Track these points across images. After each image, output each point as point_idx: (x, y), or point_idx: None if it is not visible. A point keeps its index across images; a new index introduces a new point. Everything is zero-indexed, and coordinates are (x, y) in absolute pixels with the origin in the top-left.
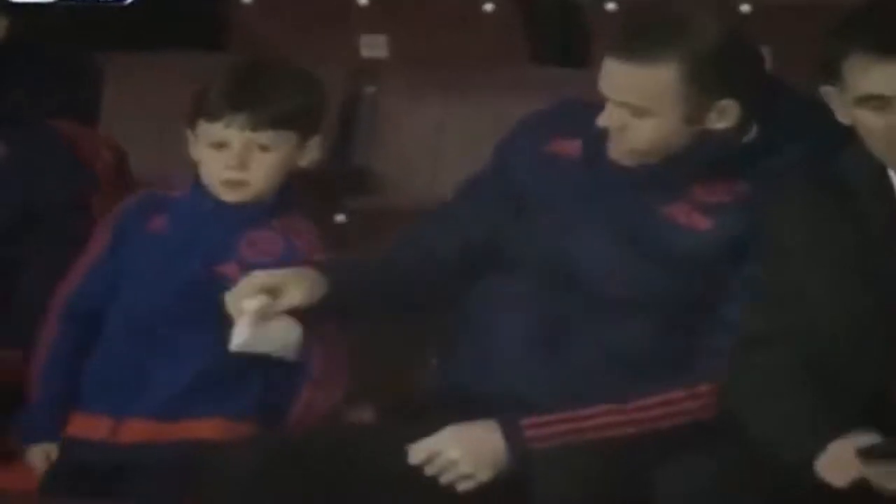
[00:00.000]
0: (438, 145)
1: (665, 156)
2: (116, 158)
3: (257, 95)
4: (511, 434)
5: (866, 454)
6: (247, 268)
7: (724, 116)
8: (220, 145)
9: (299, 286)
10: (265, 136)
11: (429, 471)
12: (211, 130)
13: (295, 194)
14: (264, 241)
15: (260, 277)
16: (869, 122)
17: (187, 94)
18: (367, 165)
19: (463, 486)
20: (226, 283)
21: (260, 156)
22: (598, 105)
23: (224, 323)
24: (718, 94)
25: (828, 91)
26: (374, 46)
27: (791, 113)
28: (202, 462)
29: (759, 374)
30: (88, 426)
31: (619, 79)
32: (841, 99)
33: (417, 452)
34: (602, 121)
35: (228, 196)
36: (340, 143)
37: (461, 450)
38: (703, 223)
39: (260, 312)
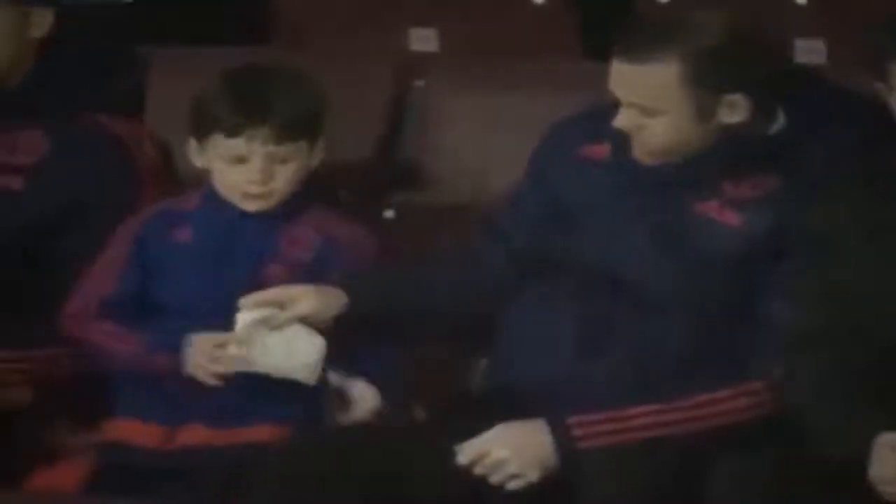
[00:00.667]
0: (488, 140)
1: (683, 156)
2: (161, 153)
3: (273, 108)
4: (559, 433)
5: None
6: (290, 266)
7: (734, 111)
8: (240, 159)
9: (308, 298)
10: (285, 149)
11: (477, 471)
12: (229, 145)
13: (311, 190)
14: (302, 237)
15: (262, 294)
16: None
17: None
18: (416, 160)
19: (512, 486)
20: (269, 285)
21: (281, 167)
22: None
23: None
24: (724, 90)
25: (881, 88)
26: (423, 40)
27: (824, 104)
28: (252, 463)
29: (813, 373)
30: (139, 433)
31: (625, 79)
32: (892, 97)
33: (466, 452)
34: (618, 122)
35: (250, 206)
36: (389, 138)
37: (509, 449)
38: (733, 219)
39: (256, 326)
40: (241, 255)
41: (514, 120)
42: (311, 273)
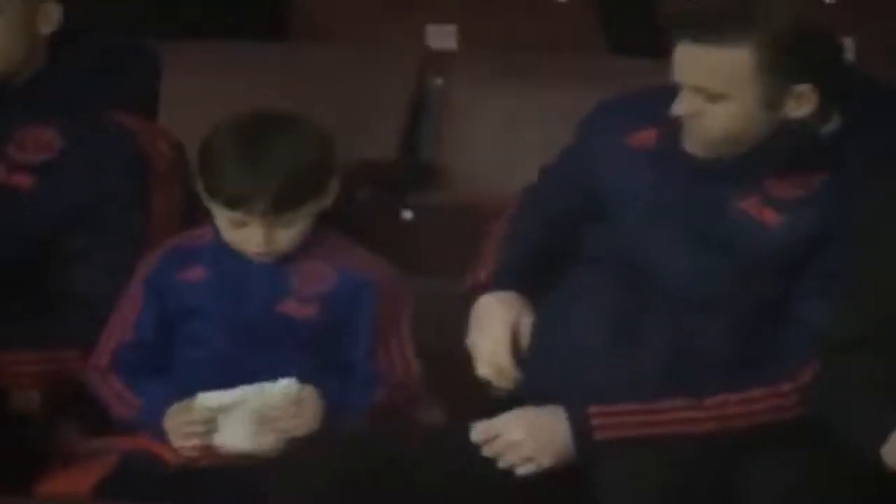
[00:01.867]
0: (509, 139)
1: (739, 148)
2: (175, 151)
3: (270, 182)
4: (577, 420)
5: None
6: (308, 300)
7: (802, 103)
8: (241, 224)
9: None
10: (286, 217)
11: (487, 452)
12: (229, 214)
13: (323, 220)
14: (318, 271)
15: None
16: None
17: (249, 84)
18: (436, 160)
19: (523, 471)
20: (287, 321)
21: (284, 230)
22: (676, 94)
23: (291, 354)
24: (796, 79)
25: None
26: (442, 36)
27: (871, 104)
28: (273, 467)
29: (849, 378)
30: (168, 450)
31: (695, 61)
32: None
33: (479, 431)
34: (677, 109)
35: (258, 260)
36: (408, 137)
37: (524, 432)
38: (773, 219)
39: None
40: (255, 292)
41: (535, 118)
42: (332, 303)
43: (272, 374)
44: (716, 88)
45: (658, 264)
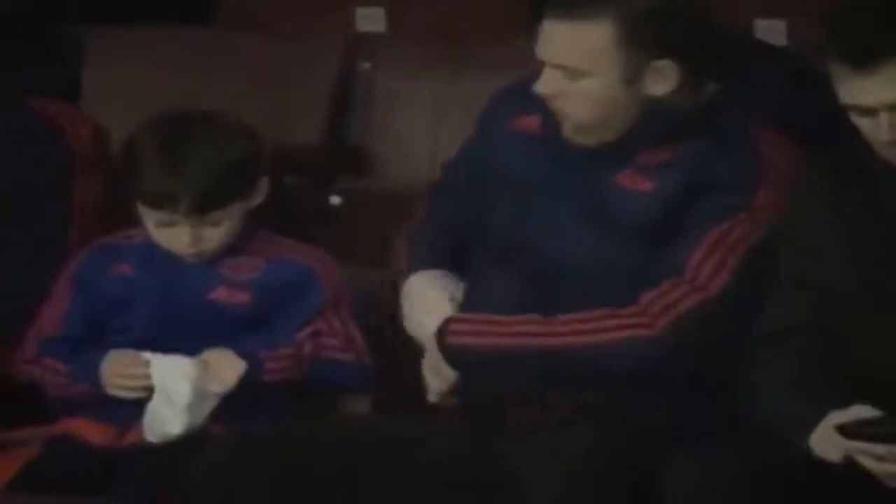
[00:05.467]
0: (436, 124)
1: (608, 134)
2: (97, 138)
3: (193, 180)
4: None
5: (845, 431)
6: (238, 287)
7: (661, 78)
8: (167, 224)
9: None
10: (212, 217)
11: None
12: (154, 213)
13: (254, 221)
14: (245, 262)
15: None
16: (858, 123)
17: (173, 70)
18: (363, 145)
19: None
20: (218, 307)
21: (211, 229)
22: None
23: (220, 341)
24: (655, 54)
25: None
26: (370, 19)
27: (752, 64)
28: (195, 456)
29: (777, 370)
30: (93, 432)
31: (556, 39)
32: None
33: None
34: (538, 87)
35: (189, 260)
36: (334, 122)
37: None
38: (644, 185)
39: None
40: (185, 281)
41: (462, 103)
42: (265, 291)
43: None
44: (576, 65)
45: (546, 243)
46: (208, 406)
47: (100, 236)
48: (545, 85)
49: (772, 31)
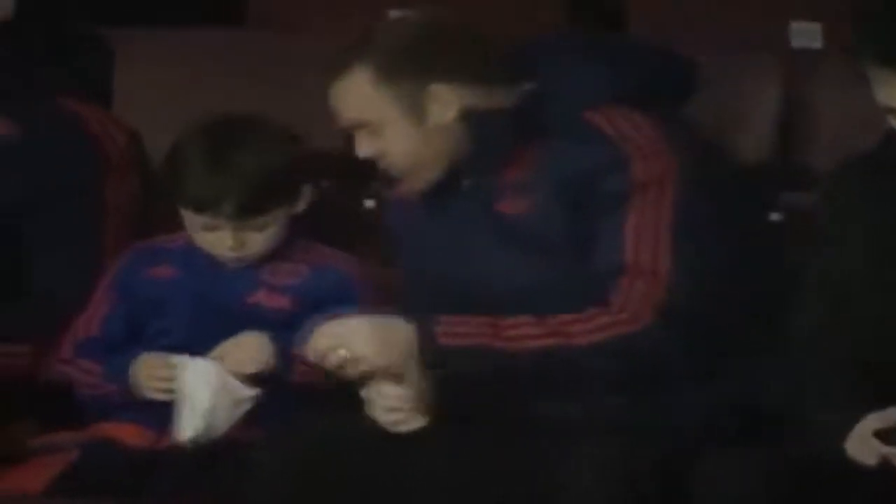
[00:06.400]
0: None
1: (432, 173)
2: (129, 140)
3: (237, 184)
4: (424, 328)
5: (883, 436)
6: (276, 290)
7: (442, 103)
8: (211, 228)
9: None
10: (255, 221)
11: (318, 360)
12: (197, 217)
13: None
14: (286, 269)
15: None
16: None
17: (204, 73)
18: None
19: (352, 372)
20: (258, 311)
21: (254, 234)
22: None
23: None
24: (420, 82)
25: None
26: None
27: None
28: (236, 457)
29: (811, 373)
30: (132, 435)
31: (335, 98)
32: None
33: (320, 339)
34: (359, 153)
35: (231, 264)
36: None
37: (369, 348)
38: (522, 206)
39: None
40: (225, 284)
41: None
42: (305, 297)
43: None
44: (359, 118)
45: (477, 280)
46: (237, 412)
47: (132, 240)
48: (361, 148)
49: (807, 33)
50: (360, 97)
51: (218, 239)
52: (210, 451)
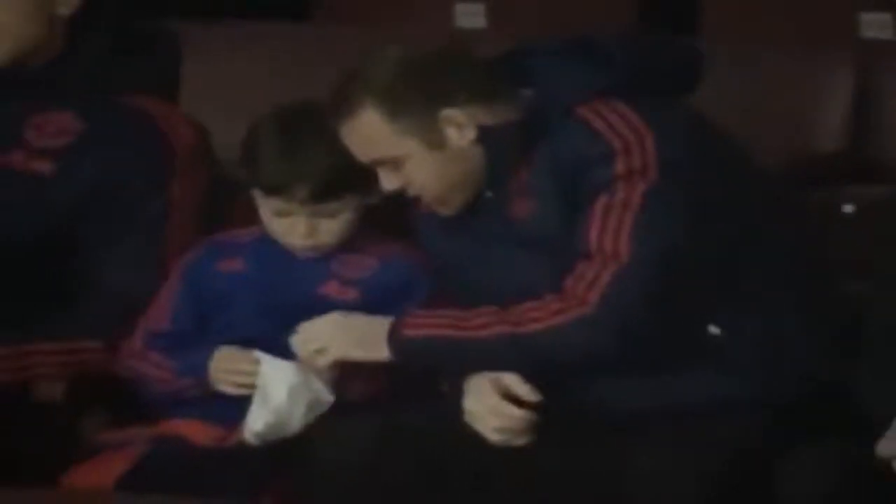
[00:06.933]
0: None
1: (466, 193)
2: (197, 137)
3: (313, 165)
4: (396, 322)
5: None
6: (347, 283)
7: (457, 126)
8: (284, 213)
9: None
10: (329, 207)
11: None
12: (271, 202)
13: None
14: (357, 260)
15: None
16: None
17: (271, 66)
18: None
19: (322, 362)
20: (328, 303)
21: (327, 221)
22: None
23: None
24: (430, 110)
25: None
26: (471, 15)
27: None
28: (309, 444)
29: (885, 365)
30: (199, 432)
31: (349, 140)
32: None
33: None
34: (385, 188)
35: (303, 253)
36: None
37: (345, 346)
38: (528, 207)
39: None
40: (296, 276)
41: None
42: (374, 290)
43: None
44: (380, 155)
45: (500, 286)
46: (311, 414)
47: (199, 235)
48: (386, 183)
49: (877, 24)
50: (375, 137)
51: (291, 226)
52: (276, 448)
